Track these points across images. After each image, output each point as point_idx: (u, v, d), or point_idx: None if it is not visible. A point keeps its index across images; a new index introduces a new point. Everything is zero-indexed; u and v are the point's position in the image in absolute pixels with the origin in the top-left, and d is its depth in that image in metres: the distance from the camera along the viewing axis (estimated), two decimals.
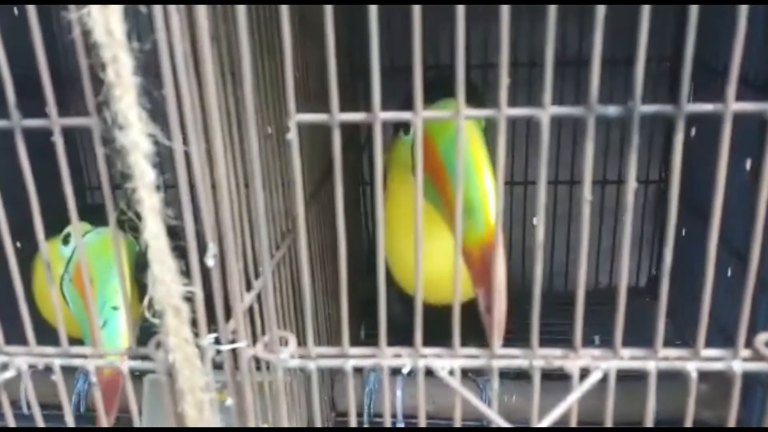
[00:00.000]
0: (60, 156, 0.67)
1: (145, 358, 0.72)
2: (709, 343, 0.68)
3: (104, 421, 0.78)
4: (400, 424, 1.23)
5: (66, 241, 1.05)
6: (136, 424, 0.79)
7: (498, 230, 0.66)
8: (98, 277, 1.01)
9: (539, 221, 0.64)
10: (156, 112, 0.64)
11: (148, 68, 0.63)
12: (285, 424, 0.74)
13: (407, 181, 1.14)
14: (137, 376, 0.86)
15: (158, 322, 0.68)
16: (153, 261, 0.66)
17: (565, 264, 1.68)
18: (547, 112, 0.61)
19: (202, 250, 0.68)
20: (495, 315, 0.75)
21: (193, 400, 0.70)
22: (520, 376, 0.72)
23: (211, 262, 0.69)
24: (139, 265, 0.77)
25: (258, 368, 0.76)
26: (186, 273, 0.68)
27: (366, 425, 0.75)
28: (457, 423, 0.71)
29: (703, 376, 0.67)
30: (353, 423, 0.74)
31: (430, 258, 0.73)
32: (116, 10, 0.59)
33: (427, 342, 0.69)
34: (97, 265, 1.01)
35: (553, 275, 1.68)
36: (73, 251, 1.03)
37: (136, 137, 0.62)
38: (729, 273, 1.16)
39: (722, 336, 1.19)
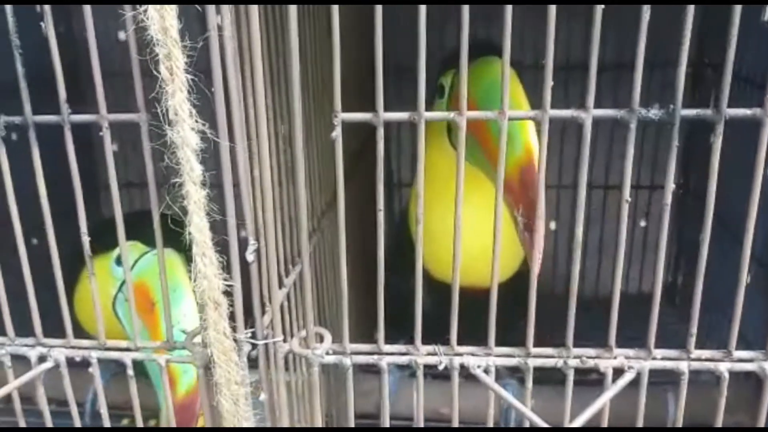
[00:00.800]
0: (111, 177, 0.69)
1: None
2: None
3: None
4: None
5: (120, 262, 1.06)
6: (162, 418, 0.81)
7: (536, 153, 0.67)
8: (160, 300, 1.01)
9: (578, 223, 0.67)
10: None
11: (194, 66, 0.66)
12: (318, 420, 0.76)
13: (441, 147, 1.12)
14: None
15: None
16: (196, 255, 0.68)
17: (597, 268, 1.67)
18: (589, 114, 0.63)
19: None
20: (536, 232, 0.73)
21: (229, 394, 0.72)
22: (540, 380, 0.74)
23: (251, 257, 0.71)
24: None
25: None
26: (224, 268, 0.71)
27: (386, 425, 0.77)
28: (490, 422, 0.74)
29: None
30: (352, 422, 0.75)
31: (465, 235, 0.71)
32: (172, 9, 0.62)
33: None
34: (156, 287, 1.02)
35: (585, 278, 1.66)
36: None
37: (187, 133, 0.64)
38: (748, 279, 1.18)
39: (743, 341, 1.21)
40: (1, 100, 0.72)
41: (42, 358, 0.76)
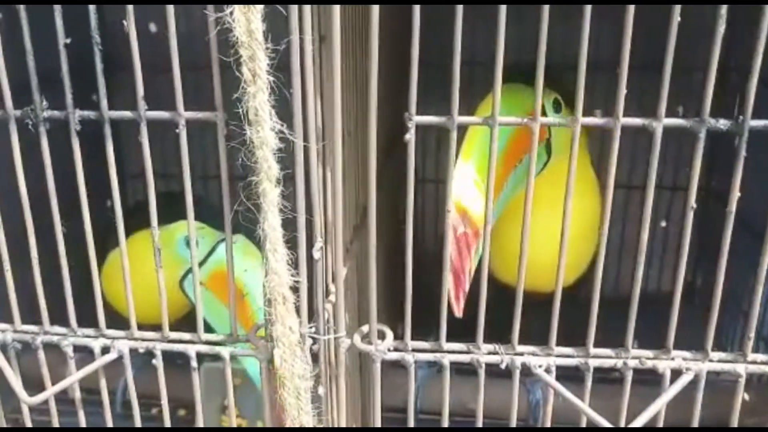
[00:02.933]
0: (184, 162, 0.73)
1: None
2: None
3: None
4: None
5: (188, 244, 1.09)
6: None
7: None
8: (250, 291, 1.04)
9: (644, 226, 0.71)
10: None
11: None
12: (377, 416, 0.80)
13: None
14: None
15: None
16: (269, 251, 0.72)
17: (617, 267, 1.68)
18: (660, 123, 0.68)
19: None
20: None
21: (292, 387, 0.76)
22: (568, 378, 0.78)
23: (317, 254, 0.75)
24: None
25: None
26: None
27: (412, 423, 0.81)
28: (548, 421, 0.78)
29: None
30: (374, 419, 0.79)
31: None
32: (257, 11, 0.65)
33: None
34: (245, 278, 1.04)
35: (605, 278, 1.70)
36: (207, 256, 1.09)
37: (266, 133, 0.68)
38: None
39: (764, 344, 1.25)
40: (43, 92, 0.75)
41: (105, 350, 0.80)
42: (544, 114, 0.94)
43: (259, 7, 0.65)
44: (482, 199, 0.86)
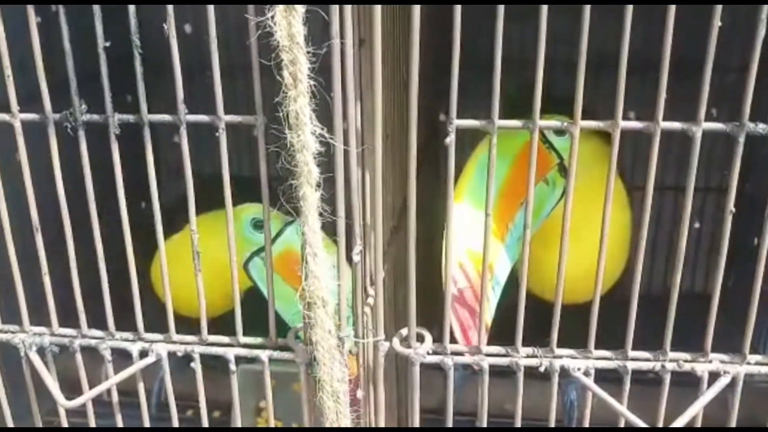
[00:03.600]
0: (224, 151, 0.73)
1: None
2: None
3: None
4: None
5: (257, 226, 1.12)
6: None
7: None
8: None
9: (682, 231, 0.72)
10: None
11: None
12: (416, 418, 0.81)
13: None
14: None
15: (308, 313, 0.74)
16: (308, 254, 0.73)
17: (649, 268, 1.67)
18: (700, 127, 0.68)
19: None
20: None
21: (331, 391, 0.77)
22: (602, 378, 0.79)
23: (356, 257, 0.76)
24: None
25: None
26: None
27: (450, 424, 0.82)
28: (586, 422, 0.78)
29: None
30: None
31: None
32: (298, 15, 0.66)
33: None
34: None
35: (651, 280, 1.69)
36: (275, 238, 1.06)
37: (307, 137, 0.69)
38: None
39: None
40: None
41: (143, 353, 0.81)
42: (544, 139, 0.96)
43: (301, 11, 0.66)
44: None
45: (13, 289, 0.82)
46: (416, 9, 0.67)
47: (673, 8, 0.64)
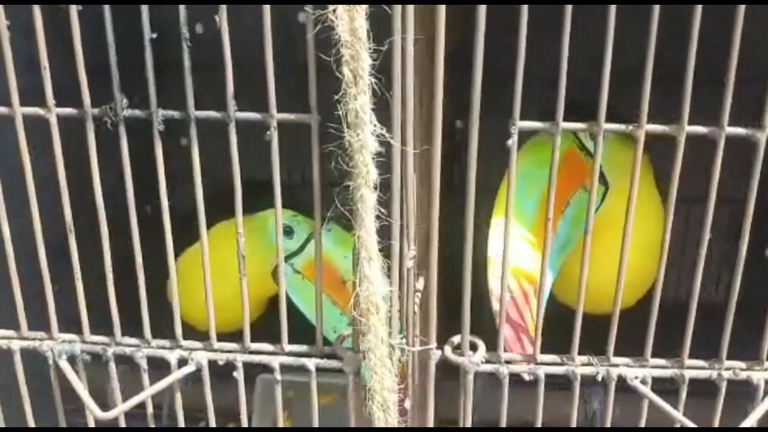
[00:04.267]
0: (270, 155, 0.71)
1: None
2: None
3: None
4: None
5: (287, 232, 1.07)
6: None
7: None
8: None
9: (743, 238, 0.71)
10: None
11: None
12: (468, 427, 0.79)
13: None
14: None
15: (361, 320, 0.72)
16: (363, 259, 0.70)
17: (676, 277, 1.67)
18: (765, 133, 0.67)
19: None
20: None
21: (382, 401, 0.75)
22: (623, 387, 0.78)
23: (410, 263, 0.74)
24: None
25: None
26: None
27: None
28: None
29: None
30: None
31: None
32: (361, 10, 0.64)
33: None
34: (346, 264, 0.99)
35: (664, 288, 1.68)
36: (304, 244, 1.06)
37: (367, 137, 0.67)
38: None
39: None
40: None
41: (182, 362, 0.78)
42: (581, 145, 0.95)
43: (364, 6, 0.64)
44: (530, 250, 0.87)
45: (35, 294, 0.79)
46: (482, 9, 0.65)
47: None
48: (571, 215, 0.97)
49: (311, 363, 0.77)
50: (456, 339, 0.76)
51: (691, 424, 0.73)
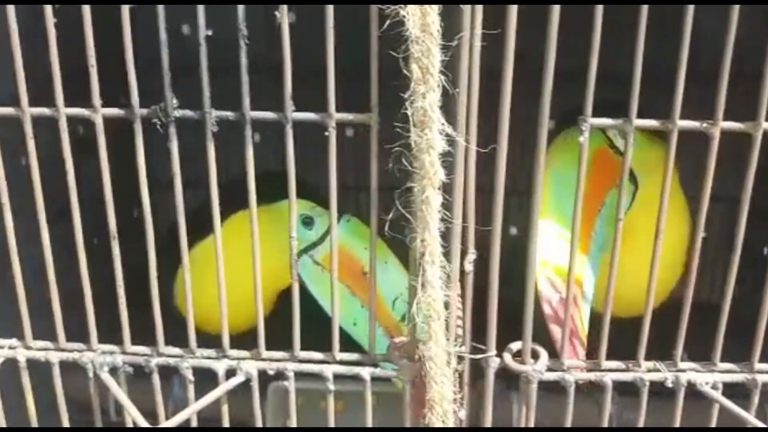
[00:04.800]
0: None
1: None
2: None
3: None
4: None
5: (306, 223, 1.03)
6: None
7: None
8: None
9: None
10: None
11: None
12: None
13: None
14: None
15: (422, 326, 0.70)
16: (426, 263, 0.68)
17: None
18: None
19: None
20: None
21: (442, 412, 0.72)
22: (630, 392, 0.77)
23: (469, 267, 0.72)
24: None
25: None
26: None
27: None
28: None
29: None
30: None
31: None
32: (434, 5, 0.62)
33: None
34: (366, 256, 0.93)
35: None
36: (324, 235, 1.00)
37: (434, 135, 0.64)
38: None
39: None
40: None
41: (230, 372, 0.75)
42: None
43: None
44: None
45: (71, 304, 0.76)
46: (555, 9, 0.63)
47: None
48: (607, 215, 0.95)
49: (366, 372, 0.74)
50: (514, 346, 0.74)
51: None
